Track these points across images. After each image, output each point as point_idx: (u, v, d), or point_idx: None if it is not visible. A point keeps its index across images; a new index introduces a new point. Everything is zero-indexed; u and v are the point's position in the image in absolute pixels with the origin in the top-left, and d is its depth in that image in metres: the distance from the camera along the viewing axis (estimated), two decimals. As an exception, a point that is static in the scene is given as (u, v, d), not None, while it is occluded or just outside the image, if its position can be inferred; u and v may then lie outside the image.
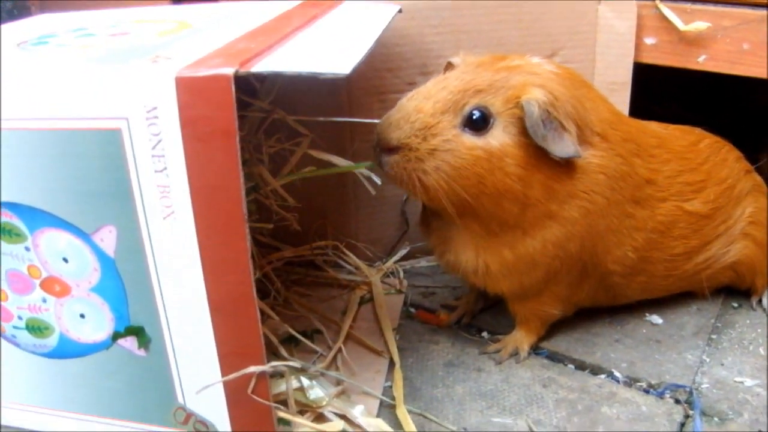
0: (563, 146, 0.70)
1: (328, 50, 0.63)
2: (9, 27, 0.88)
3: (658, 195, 0.82)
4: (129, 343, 0.65)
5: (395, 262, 1.03)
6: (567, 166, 0.73)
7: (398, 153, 0.70)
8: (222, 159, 0.55)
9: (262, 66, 0.55)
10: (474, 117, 0.70)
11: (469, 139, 0.70)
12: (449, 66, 0.78)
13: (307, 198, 0.90)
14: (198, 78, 0.53)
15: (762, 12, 0.88)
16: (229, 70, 0.53)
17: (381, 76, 0.93)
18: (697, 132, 0.91)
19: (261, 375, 0.63)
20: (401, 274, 1.02)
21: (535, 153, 0.71)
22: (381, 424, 0.73)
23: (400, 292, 0.98)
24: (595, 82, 0.98)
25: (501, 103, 0.71)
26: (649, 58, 0.97)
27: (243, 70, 0.54)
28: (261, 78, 0.85)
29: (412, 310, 0.95)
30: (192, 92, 0.53)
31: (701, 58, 0.93)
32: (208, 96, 0.53)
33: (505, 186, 0.71)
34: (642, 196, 0.80)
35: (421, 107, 0.70)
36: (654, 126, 0.88)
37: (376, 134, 0.72)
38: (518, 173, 0.71)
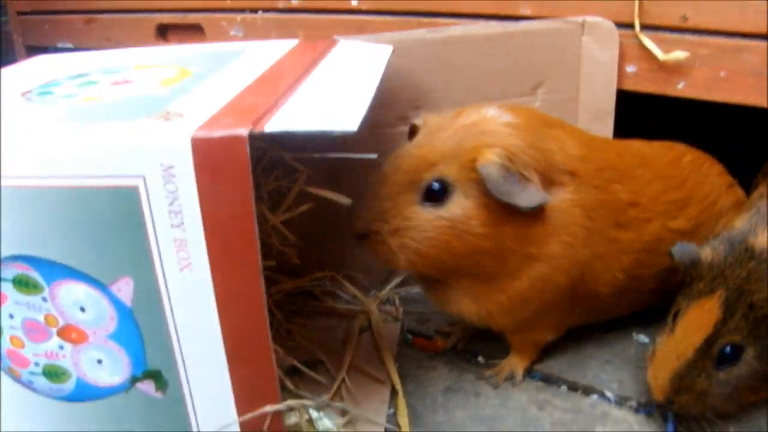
0: (529, 196, 0.72)
1: (333, 104, 0.65)
2: (7, 72, 0.89)
3: (642, 216, 0.83)
4: (146, 386, 0.67)
5: (391, 289, 1.05)
6: (537, 210, 0.74)
7: (367, 239, 0.75)
8: (238, 214, 0.57)
9: (274, 125, 0.57)
10: (433, 188, 0.73)
11: (430, 212, 0.73)
12: (414, 128, 0.81)
13: (304, 231, 0.92)
14: (213, 139, 0.56)
15: (736, 41, 0.91)
16: (244, 131, 0.55)
17: (373, 111, 0.95)
18: (679, 148, 0.94)
19: (276, 412, 0.65)
20: (397, 302, 1.04)
21: (501, 208, 0.72)
22: (388, 451, 0.75)
23: (396, 319, 1.00)
24: (580, 111, 1.01)
25: (457, 170, 0.73)
26: (630, 86, 0.99)
27: (257, 131, 0.56)
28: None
29: (409, 336, 0.97)
30: (207, 152, 0.56)
31: (680, 85, 0.95)
32: (223, 155, 0.56)
33: (475, 246, 0.73)
34: (626, 219, 0.82)
35: (377, 193, 0.74)
36: (636, 144, 0.90)
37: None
38: (485, 232, 0.72)
